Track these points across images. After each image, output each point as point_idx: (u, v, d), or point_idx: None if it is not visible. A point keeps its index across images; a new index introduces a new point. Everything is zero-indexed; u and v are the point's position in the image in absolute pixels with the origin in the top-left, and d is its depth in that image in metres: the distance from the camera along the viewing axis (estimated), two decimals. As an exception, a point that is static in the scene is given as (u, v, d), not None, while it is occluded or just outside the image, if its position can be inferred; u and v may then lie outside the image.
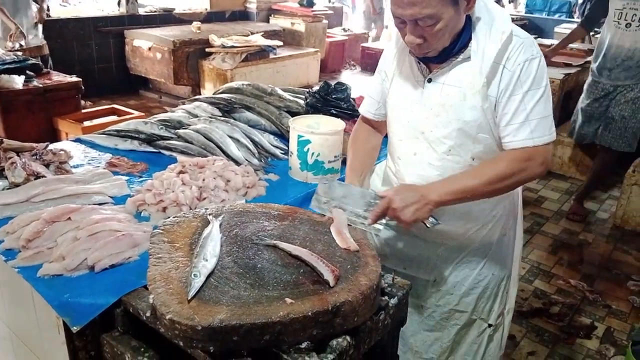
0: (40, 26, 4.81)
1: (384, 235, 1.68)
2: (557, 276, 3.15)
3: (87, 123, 3.85)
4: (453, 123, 1.40)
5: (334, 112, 2.34)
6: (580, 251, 3.53)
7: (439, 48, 1.34)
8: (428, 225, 1.38)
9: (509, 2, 13.92)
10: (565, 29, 8.01)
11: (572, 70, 5.08)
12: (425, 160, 1.48)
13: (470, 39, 1.36)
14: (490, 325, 1.70)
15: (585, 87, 3.91)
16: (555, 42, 6.34)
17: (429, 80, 1.43)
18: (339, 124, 1.97)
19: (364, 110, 1.73)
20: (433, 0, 1.22)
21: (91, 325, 1.22)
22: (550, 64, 4.07)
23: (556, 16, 11.42)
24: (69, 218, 1.43)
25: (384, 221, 1.40)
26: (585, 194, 4.08)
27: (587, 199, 4.17)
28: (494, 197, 1.47)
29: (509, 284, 1.72)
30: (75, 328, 1.18)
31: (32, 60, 3.71)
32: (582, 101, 3.93)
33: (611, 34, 3.55)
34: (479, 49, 1.34)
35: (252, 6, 7.57)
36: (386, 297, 1.28)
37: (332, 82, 2.48)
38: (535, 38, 5.72)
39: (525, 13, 11.58)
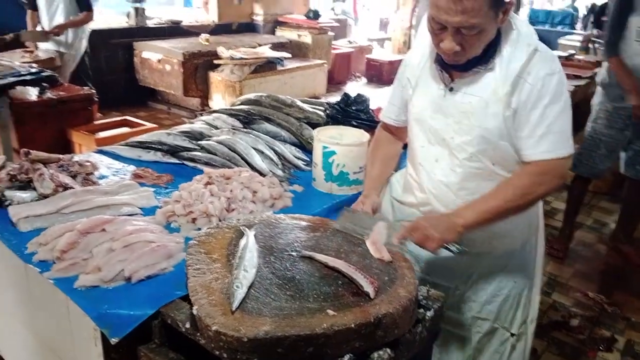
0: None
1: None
2: (574, 288, 3.14)
3: (100, 135, 3.85)
4: (475, 130, 1.42)
5: (354, 123, 2.35)
6: (597, 263, 3.51)
7: (471, 57, 1.36)
8: (453, 250, 1.37)
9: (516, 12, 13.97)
10: (568, 40, 8.05)
11: (582, 82, 5.10)
12: (446, 167, 1.51)
13: (495, 50, 1.38)
14: (512, 335, 1.70)
15: (601, 115, 3.29)
16: (560, 53, 6.38)
17: (451, 89, 1.46)
18: (363, 135, 1.98)
19: (384, 116, 1.75)
20: (481, 11, 1.24)
21: (127, 337, 1.21)
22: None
23: (559, 28, 11.50)
24: (103, 229, 1.43)
25: (409, 246, 1.40)
26: (626, 235, 3.60)
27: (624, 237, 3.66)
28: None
29: (532, 293, 1.72)
30: (114, 340, 1.18)
31: (48, 72, 3.72)
32: (600, 132, 3.29)
33: (633, 54, 3.08)
34: (504, 60, 1.37)
35: (259, 18, 7.62)
36: (422, 310, 1.28)
37: (352, 94, 2.49)
38: None
39: (526, 21, 11.65)
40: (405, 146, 1.77)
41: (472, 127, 1.42)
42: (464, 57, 1.36)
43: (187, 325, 1.14)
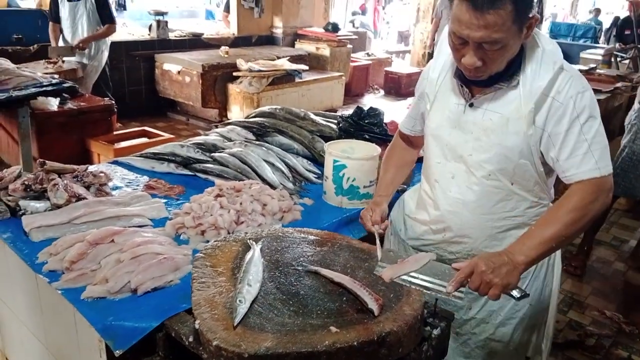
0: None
1: None
2: (591, 307, 3.06)
3: (118, 145, 3.91)
4: (495, 148, 1.39)
5: (367, 136, 2.35)
6: (615, 281, 3.43)
7: (493, 72, 1.33)
8: (516, 296, 1.27)
9: (533, 27, 13.87)
10: (590, 54, 7.96)
11: (602, 97, 5.03)
12: (463, 184, 1.47)
13: (519, 67, 1.35)
14: (527, 358, 1.66)
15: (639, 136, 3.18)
16: (581, 67, 6.30)
17: (471, 105, 1.43)
18: (374, 149, 1.97)
19: (401, 125, 1.76)
20: (505, 26, 1.21)
21: (131, 349, 1.21)
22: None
23: (581, 41, 11.38)
24: (112, 240, 1.44)
25: (463, 290, 1.27)
26: None
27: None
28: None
29: (548, 315, 1.67)
30: (118, 352, 1.18)
31: (69, 83, 3.81)
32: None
33: None
34: (528, 78, 1.34)
35: (278, 31, 7.69)
36: (429, 328, 1.26)
37: (365, 107, 2.49)
38: None
39: (550, 38, 11.55)
40: (419, 159, 1.77)
41: (491, 145, 1.39)
42: (485, 72, 1.33)
43: (191, 339, 1.14)
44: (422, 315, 1.23)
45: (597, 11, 13.08)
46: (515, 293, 1.27)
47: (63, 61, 4.83)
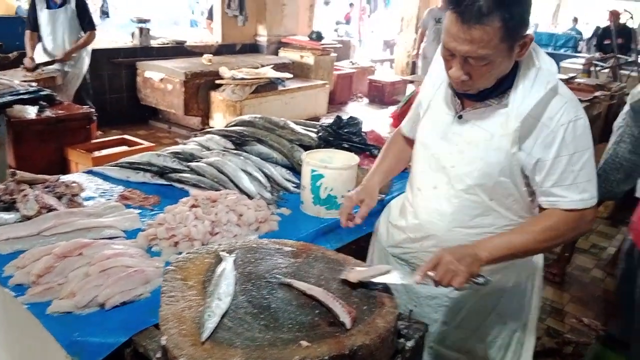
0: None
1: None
2: (569, 314, 3.08)
3: (97, 153, 3.85)
4: (476, 162, 1.38)
5: (346, 145, 2.34)
6: (593, 288, 3.45)
7: (481, 87, 1.32)
8: (480, 282, 1.29)
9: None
10: (571, 63, 8.07)
11: (582, 105, 5.09)
12: (443, 195, 1.46)
13: (512, 84, 1.33)
14: None
15: (626, 139, 2.98)
16: (562, 76, 6.37)
17: (460, 117, 1.42)
18: (352, 158, 1.96)
19: (402, 125, 1.75)
20: (491, 42, 1.19)
21: (99, 365, 1.19)
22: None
23: (562, 51, 11.55)
24: (81, 253, 1.41)
25: (432, 285, 1.30)
26: None
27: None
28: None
29: (525, 335, 1.64)
30: (84, 368, 1.15)
31: (46, 91, 3.75)
32: (623, 156, 2.99)
33: None
34: (519, 96, 1.31)
35: (262, 39, 7.69)
36: (403, 340, 1.25)
37: (344, 116, 2.49)
38: None
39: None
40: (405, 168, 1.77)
41: (473, 159, 1.38)
42: (472, 87, 1.32)
43: (159, 355, 1.11)
44: (396, 327, 1.21)
45: (576, 20, 13.30)
46: (480, 280, 1.29)
47: (42, 70, 4.77)
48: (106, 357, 1.18)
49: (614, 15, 7.68)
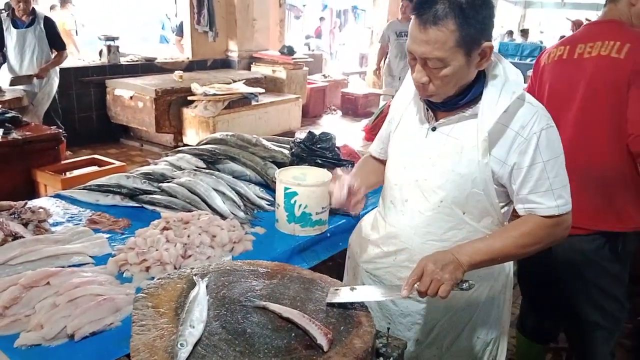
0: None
1: (367, 285, 1.64)
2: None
3: (67, 174, 3.77)
4: (448, 174, 1.39)
5: (319, 161, 2.34)
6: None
7: (442, 95, 1.34)
8: (465, 287, 1.29)
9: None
10: (538, 72, 8.28)
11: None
12: (416, 209, 1.46)
13: (481, 95, 1.35)
14: None
15: None
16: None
17: (433, 129, 1.43)
18: (325, 175, 1.96)
19: (371, 148, 1.75)
20: (446, 45, 1.23)
21: (69, 399, 1.14)
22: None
23: (528, 60, 11.82)
24: (48, 282, 1.37)
25: (418, 297, 1.29)
26: None
27: None
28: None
29: (497, 348, 1.65)
30: (52, 404, 1.11)
31: (12, 113, 3.66)
32: None
33: None
34: (486, 106, 1.33)
35: (234, 55, 7.68)
36: (381, 358, 1.24)
37: (317, 131, 2.49)
38: None
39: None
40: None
41: (445, 171, 1.39)
42: (433, 92, 1.33)
43: (131, 386, 1.08)
44: (374, 346, 1.20)
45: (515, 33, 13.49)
46: (465, 286, 1.29)
47: (1, 90, 4.68)
48: (76, 391, 1.14)
49: (576, 24, 7.91)
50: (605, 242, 1.90)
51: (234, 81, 6.58)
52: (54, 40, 4.95)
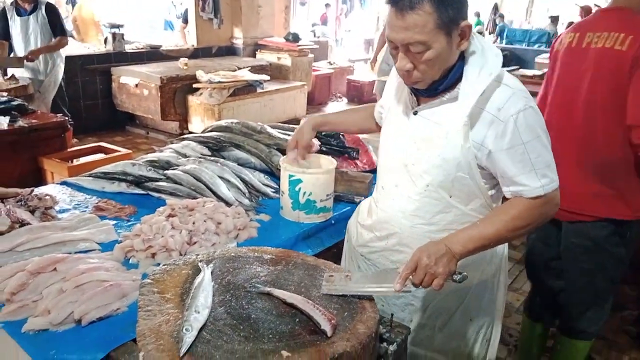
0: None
1: (363, 268, 1.67)
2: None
3: (73, 162, 3.79)
4: (433, 159, 1.40)
5: (324, 149, 2.34)
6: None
7: (428, 79, 1.33)
8: (457, 279, 1.31)
9: (489, 34, 14.29)
10: (545, 59, 8.20)
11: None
12: (405, 194, 1.48)
13: (460, 78, 1.35)
14: None
15: None
16: (536, 72, 6.45)
17: (415, 113, 1.44)
18: (330, 162, 1.96)
19: (376, 106, 1.79)
20: (426, 28, 1.23)
21: (77, 382, 1.16)
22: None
23: (535, 46, 11.71)
24: (55, 269, 1.38)
25: (412, 288, 1.30)
26: None
27: None
28: None
29: (491, 332, 1.67)
30: (61, 387, 1.12)
31: (18, 101, 3.67)
32: None
33: None
34: (466, 89, 1.33)
35: (239, 42, 7.66)
36: (385, 344, 1.25)
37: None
38: (517, 69, 5.68)
39: (506, 44, 11.86)
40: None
41: (430, 156, 1.40)
42: (420, 79, 1.33)
43: (138, 370, 1.09)
44: (378, 332, 1.21)
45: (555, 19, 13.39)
46: (457, 277, 1.30)
47: (14, 77, 4.67)
48: (84, 375, 1.15)
49: (585, 10, 7.81)
50: (614, 228, 1.95)
51: (239, 68, 6.57)
52: (55, 26, 4.92)
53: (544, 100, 2.14)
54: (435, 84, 1.35)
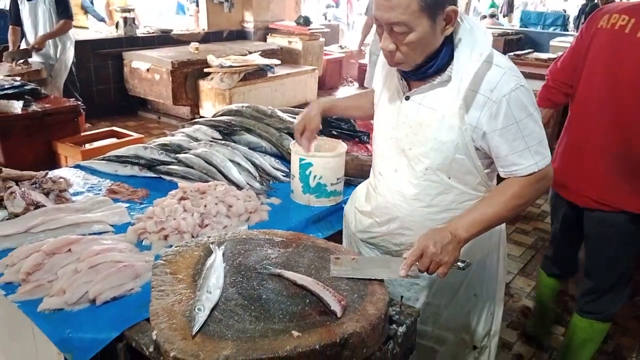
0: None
1: (364, 252, 1.69)
2: (563, 292, 3.11)
3: (86, 146, 3.83)
4: (430, 142, 1.40)
5: (335, 133, 2.34)
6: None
7: (411, 62, 1.33)
8: (461, 267, 1.33)
9: (504, 17, 14.07)
10: (560, 42, 8.06)
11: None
12: (404, 178, 1.48)
13: (449, 61, 1.34)
14: (475, 347, 1.69)
15: None
16: (550, 55, 6.35)
17: (407, 98, 1.43)
18: (340, 146, 1.96)
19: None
20: (409, 8, 1.22)
21: (92, 360, 1.19)
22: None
23: (551, 29, 11.52)
24: (69, 250, 1.40)
25: (418, 274, 1.33)
26: None
27: None
28: None
29: (494, 306, 1.70)
30: (76, 365, 1.15)
31: (31, 85, 3.70)
32: None
33: None
34: (458, 72, 1.33)
35: (249, 26, 7.62)
36: (394, 326, 1.26)
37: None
38: (532, 52, 5.58)
39: (520, 27, 11.68)
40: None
41: (427, 139, 1.39)
42: (401, 60, 1.33)
43: (151, 349, 1.11)
44: (387, 313, 1.22)
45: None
46: (461, 265, 1.33)
47: (27, 62, 4.70)
48: (98, 353, 1.18)
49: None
50: (632, 219, 2.00)
51: (250, 53, 6.54)
52: (59, 9, 4.90)
53: (578, 85, 2.07)
54: (423, 68, 1.35)
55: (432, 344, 1.65)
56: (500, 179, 1.46)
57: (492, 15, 11.08)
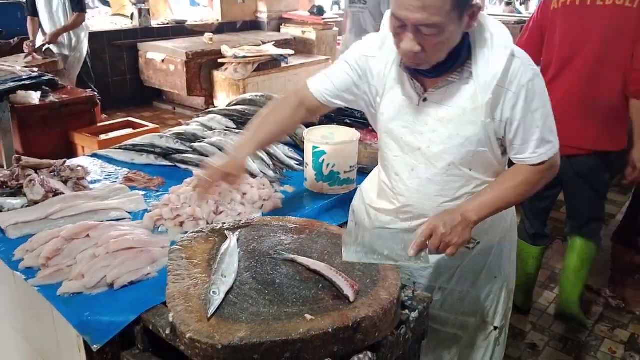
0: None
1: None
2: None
3: (102, 136, 3.88)
4: (453, 138, 1.38)
5: (348, 121, 2.34)
6: (602, 256, 3.45)
7: (433, 62, 1.28)
8: (471, 247, 1.36)
9: (520, 4, 13.84)
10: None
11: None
12: (423, 176, 1.46)
13: (467, 56, 1.32)
14: (495, 328, 1.71)
15: None
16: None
17: (425, 100, 1.39)
18: (354, 134, 1.96)
19: (315, 87, 1.54)
20: (444, 9, 1.16)
21: (111, 343, 1.21)
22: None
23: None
24: (88, 235, 1.43)
25: (430, 261, 1.35)
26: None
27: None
28: None
29: (508, 289, 1.72)
30: (95, 347, 1.18)
31: (48, 76, 3.75)
32: None
33: None
34: (481, 67, 1.30)
35: (263, 16, 7.62)
36: (407, 311, 1.27)
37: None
38: None
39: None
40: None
41: (449, 136, 1.38)
42: (425, 61, 1.27)
43: (168, 332, 1.14)
44: (399, 298, 1.23)
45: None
46: (471, 245, 1.36)
47: (50, 50, 4.76)
48: (116, 335, 1.21)
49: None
50: (602, 158, 2.37)
51: (264, 43, 6.54)
52: (73, 2, 4.91)
53: (550, 63, 2.38)
54: (440, 65, 1.30)
55: (456, 330, 1.67)
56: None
57: (509, 3, 10.90)
